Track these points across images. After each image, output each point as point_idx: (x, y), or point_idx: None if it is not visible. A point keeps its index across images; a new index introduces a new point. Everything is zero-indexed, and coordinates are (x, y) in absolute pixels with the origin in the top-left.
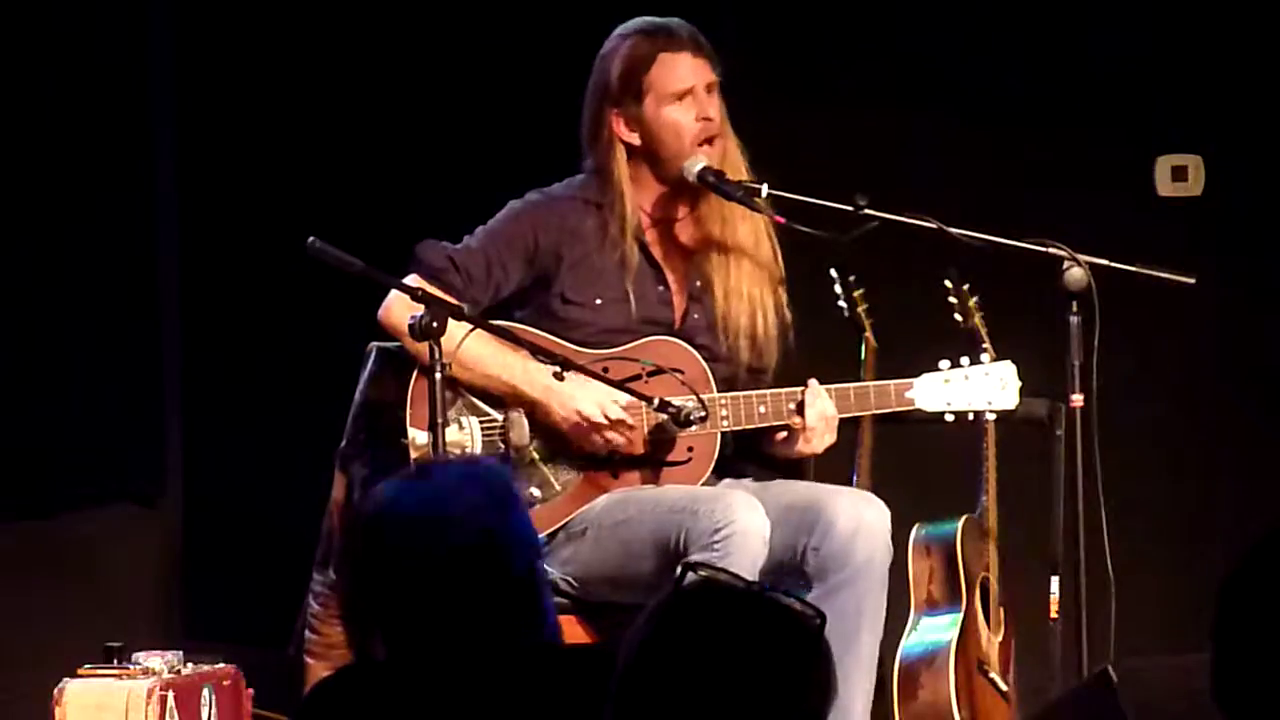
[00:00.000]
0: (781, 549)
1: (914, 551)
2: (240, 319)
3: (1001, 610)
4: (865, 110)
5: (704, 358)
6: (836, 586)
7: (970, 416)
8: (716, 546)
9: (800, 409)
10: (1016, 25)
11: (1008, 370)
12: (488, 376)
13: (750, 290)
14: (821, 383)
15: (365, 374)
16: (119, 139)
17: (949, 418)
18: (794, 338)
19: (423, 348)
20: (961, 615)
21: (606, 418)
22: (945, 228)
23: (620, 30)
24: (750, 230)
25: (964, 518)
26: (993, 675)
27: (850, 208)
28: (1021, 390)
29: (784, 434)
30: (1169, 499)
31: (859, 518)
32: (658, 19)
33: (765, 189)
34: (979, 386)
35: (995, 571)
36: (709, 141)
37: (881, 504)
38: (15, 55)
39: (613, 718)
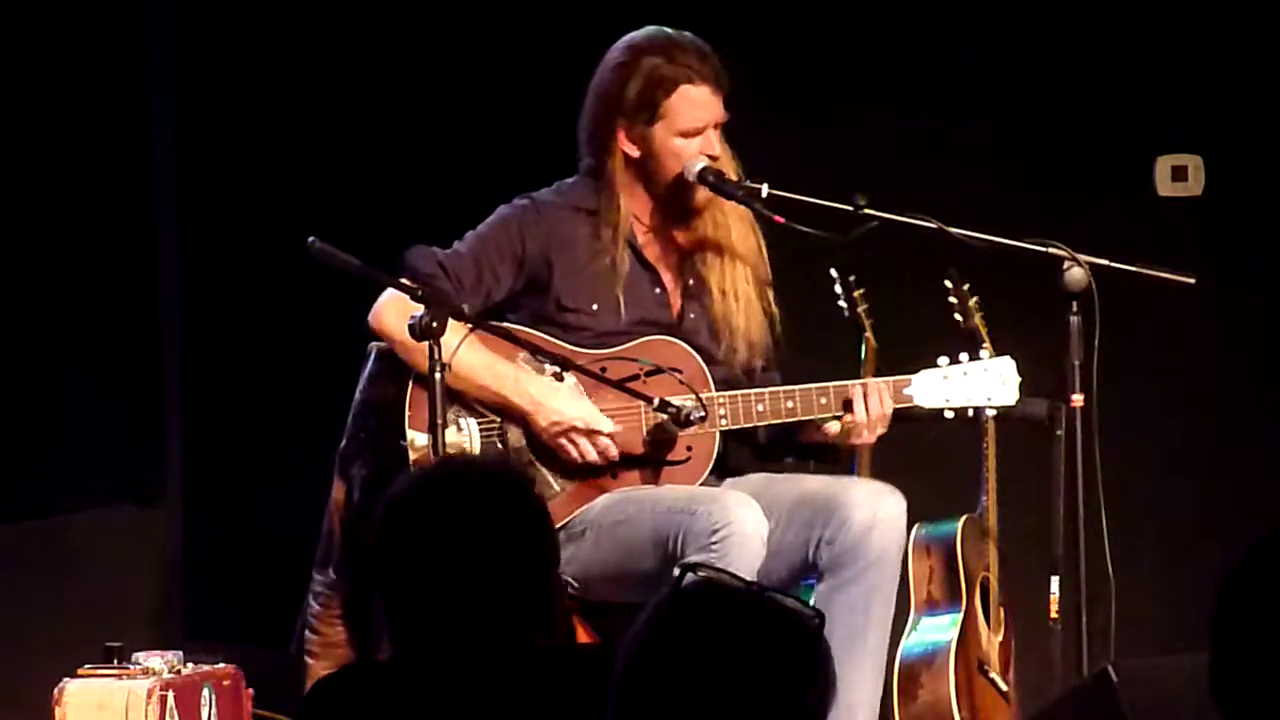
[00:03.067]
0: (793, 544)
1: (914, 551)
2: (240, 319)
3: (1001, 610)
4: (865, 111)
5: (702, 358)
6: (849, 580)
7: (970, 413)
8: (715, 547)
9: (848, 406)
10: (1016, 25)
11: (1007, 366)
12: (481, 387)
13: (746, 293)
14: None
15: (365, 374)
16: (119, 139)
17: (948, 414)
18: (784, 336)
19: (417, 355)
20: (961, 615)
21: (591, 432)
22: (945, 228)
23: (637, 42)
24: (743, 232)
25: (964, 518)
26: (993, 675)
27: (850, 208)
28: (1021, 386)
29: (837, 426)
30: (1169, 499)
31: (876, 510)
32: (678, 37)
33: (765, 189)
34: (978, 382)
35: (995, 571)
36: None
37: (898, 494)
38: (15, 55)
39: (612, 718)
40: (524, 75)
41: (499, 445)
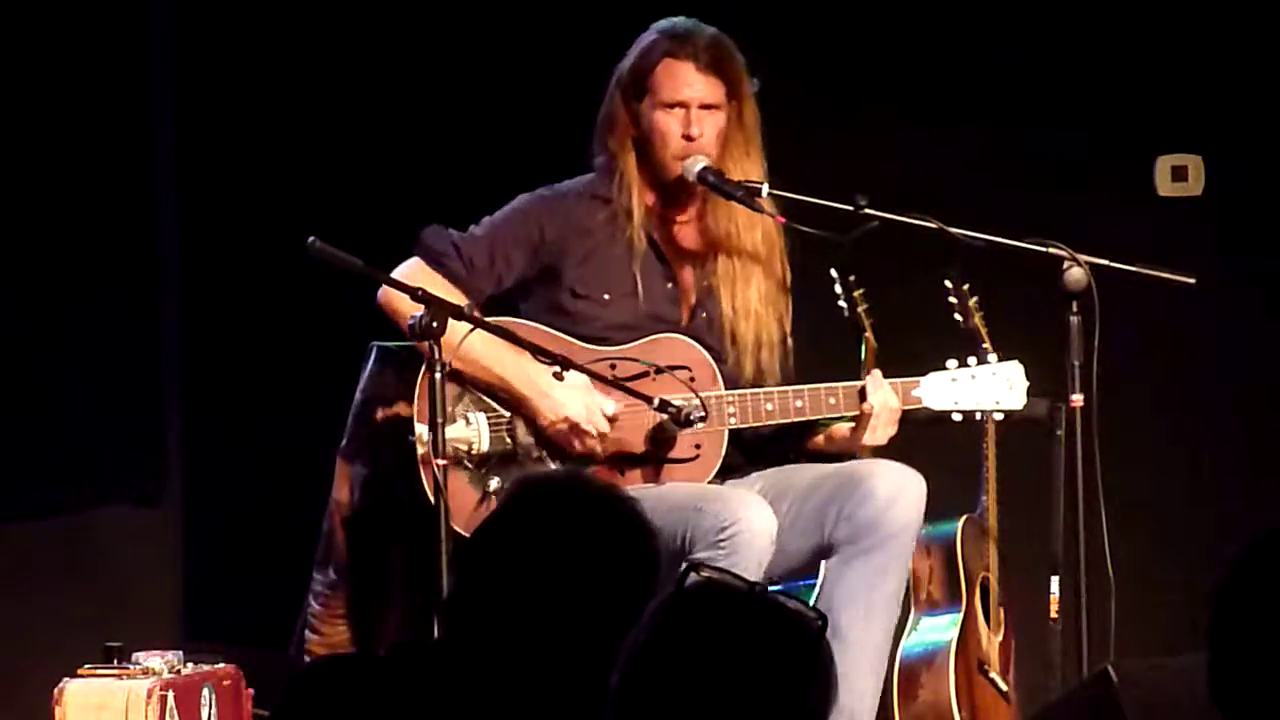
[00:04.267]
0: (809, 520)
1: (914, 551)
2: (240, 319)
3: (1001, 610)
4: (865, 111)
5: (710, 357)
6: (868, 549)
7: (978, 416)
8: (722, 544)
9: (863, 395)
10: (1016, 25)
11: (1015, 370)
12: (486, 370)
13: (757, 306)
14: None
15: (366, 372)
16: (119, 139)
17: (956, 417)
18: (793, 346)
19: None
20: (961, 615)
21: (592, 426)
22: (945, 228)
23: (656, 24)
24: (761, 239)
25: (964, 518)
26: (993, 675)
27: (850, 208)
28: (1028, 390)
29: (850, 425)
30: (1169, 499)
31: (900, 486)
32: (689, 24)
33: (765, 189)
34: (986, 386)
35: (995, 571)
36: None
37: (919, 475)
38: (15, 55)
39: (613, 718)
40: (523, 75)
41: (508, 440)
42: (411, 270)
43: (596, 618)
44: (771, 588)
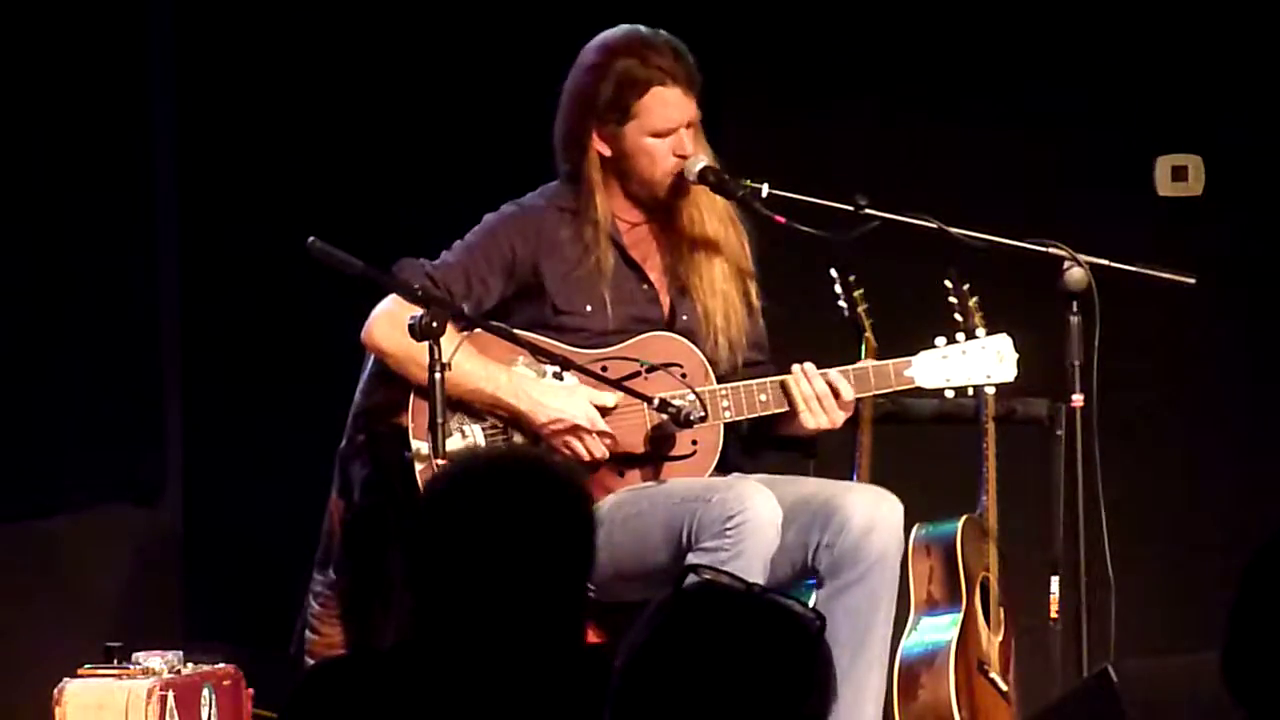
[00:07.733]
0: (792, 546)
1: (914, 551)
2: (240, 319)
3: (1001, 610)
4: (865, 110)
5: (700, 353)
6: (851, 583)
7: (970, 391)
8: (729, 533)
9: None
10: (1016, 25)
11: (1004, 343)
12: (474, 390)
13: (723, 285)
14: None
15: (365, 374)
16: (119, 139)
17: (949, 394)
18: (783, 336)
19: (410, 367)
20: (961, 615)
21: (590, 424)
22: (945, 228)
23: (610, 43)
24: (720, 223)
25: (964, 518)
26: (993, 675)
27: (850, 208)
28: (1021, 384)
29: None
30: (1169, 499)
31: (874, 514)
32: (651, 37)
33: (765, 189)
34: (977, 360)
35: (995, 571)
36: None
37: (894, 499)
38: (15, 54)
39: (611, 718)
40: (524, 75)
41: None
42: (390, 308)
43: (541, 582)
44: None
